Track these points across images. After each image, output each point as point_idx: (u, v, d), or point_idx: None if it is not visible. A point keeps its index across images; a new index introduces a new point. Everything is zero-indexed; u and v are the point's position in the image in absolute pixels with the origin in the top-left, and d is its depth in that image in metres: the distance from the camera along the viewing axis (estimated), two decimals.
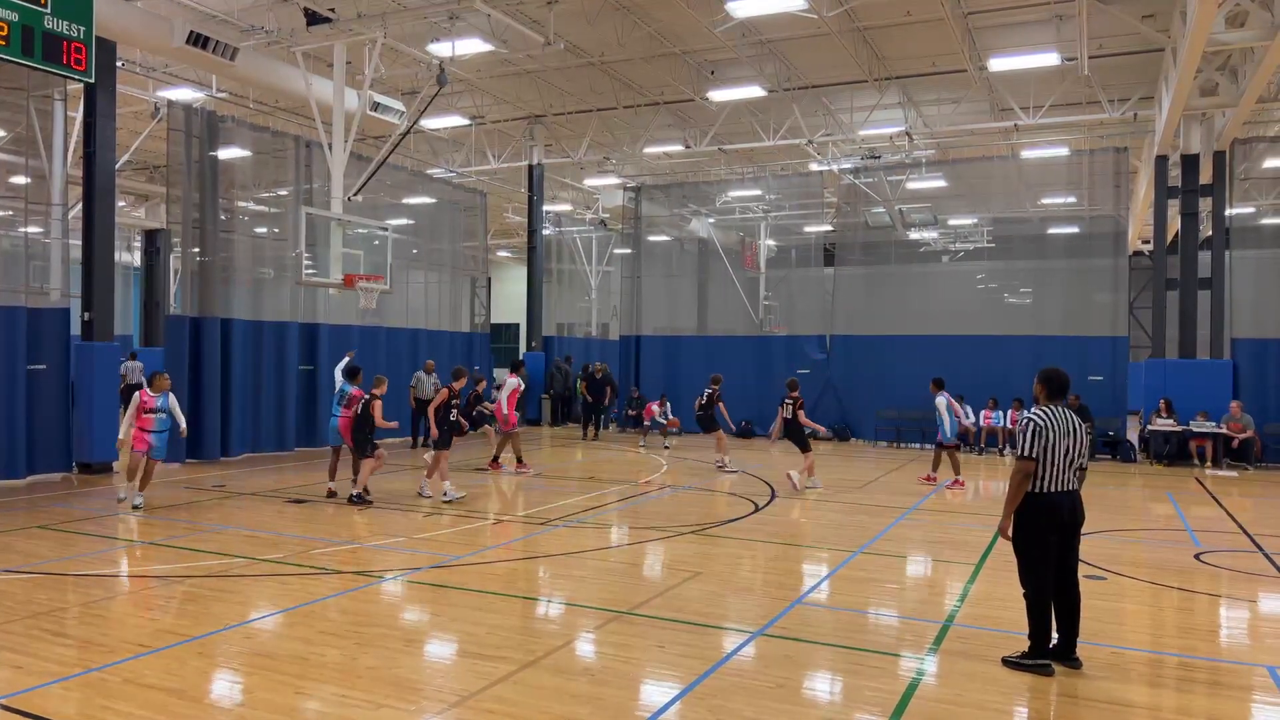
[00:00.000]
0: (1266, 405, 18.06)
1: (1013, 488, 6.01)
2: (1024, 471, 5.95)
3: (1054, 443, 5.92)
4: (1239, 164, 18.86)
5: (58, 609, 7.09)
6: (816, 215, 25.39)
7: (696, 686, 5.62)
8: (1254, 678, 6.03)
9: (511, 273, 44.51)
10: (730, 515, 11.61)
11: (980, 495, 14.78)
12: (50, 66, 9.81)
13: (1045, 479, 5.94)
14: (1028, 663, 5.94)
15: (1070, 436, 5.99)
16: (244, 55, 15.70)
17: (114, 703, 5.23)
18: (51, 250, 14.36)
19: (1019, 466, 5.97)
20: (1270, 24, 13.22)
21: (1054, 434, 5.93)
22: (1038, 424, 5.97)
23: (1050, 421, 5.97)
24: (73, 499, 12.30)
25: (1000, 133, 23.11)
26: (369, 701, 5.28)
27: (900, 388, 21.20)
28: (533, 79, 21.39)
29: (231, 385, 16.56)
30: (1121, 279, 20.16)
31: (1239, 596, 8.18)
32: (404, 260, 20.66)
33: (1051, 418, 6.00)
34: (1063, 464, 5.95)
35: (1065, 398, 6.26)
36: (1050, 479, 5.94)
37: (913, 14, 17.02)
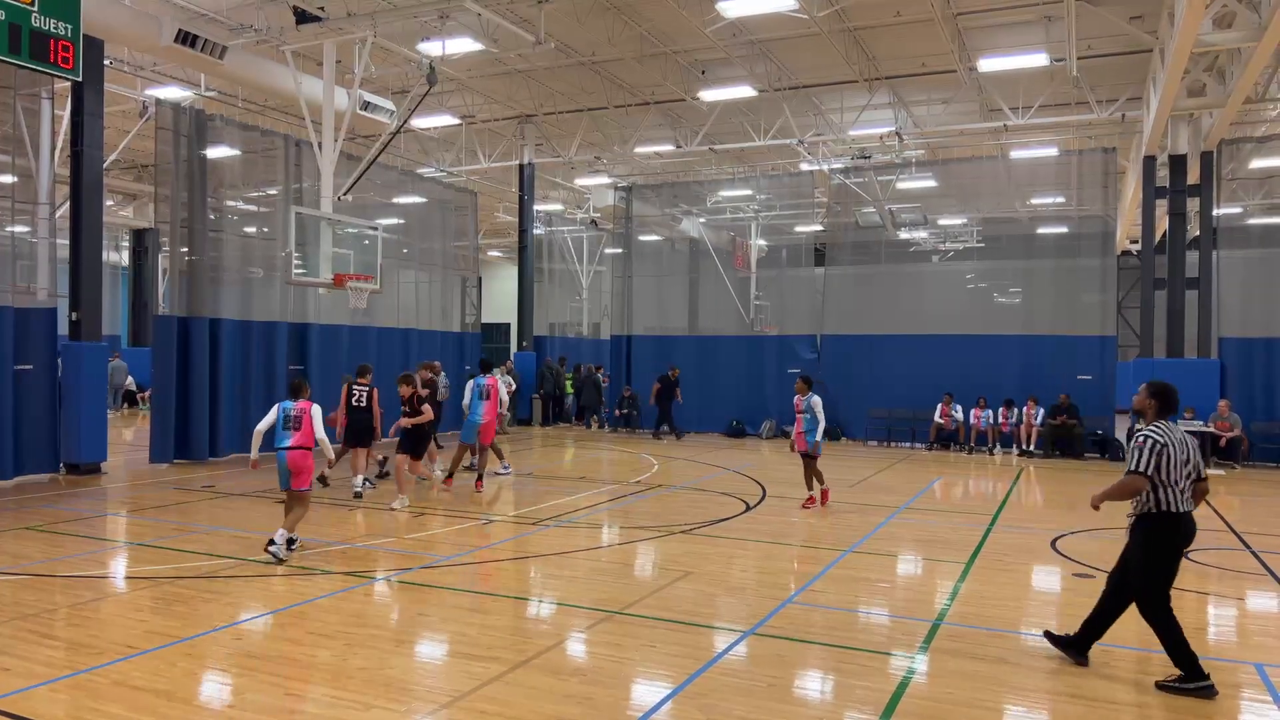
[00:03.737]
0: (1254, 404, 18.18)
1: (1117, 492, 5.82)
2: (1135, 487, 5.74)
3: (1174, 461, 5.69)
4: (1226, 164, 18.99)
5: (46, 610, 7.05)
6: (807, 215, 25.44)
7: (688, 686, 5.62)
8: (1241, 675, 6.07)
9: (502, 272, 44.46)
10: (721, 515, 11.61)
11: (970, 494, 14.84)
12: (37, 65, 9.74)
13: (1169, 499, 5.72)
14: (1189, 686, 5.63)
15: (1188, 452, 5.77)
16: (233, 54, 15.64)
17: (102, 704, 5.20)
18: (39, 250, 14.26)
19: (1131, 481, 5.73)
20: (1257, 25, 13.29)
21: (1174, 452, 5.70)
22: (1157, 441, 5.71)
23: (1169, 439, 5.72)
24: (60, 500, 12.22)
25: (990, 133, 23.19)
26: (359, 702, 5.27)
27: (891, 387, 21.27)
28: (523, 78, 21.37)
29: (220, 385, 16.47)
30: (1110, 279, 20.26)
31: (1227, 595, 8.23)
32: (394, 260, 20.60)
33: (1170, 435, 5.75)
34: (1185, 482, 5.75)
35: (1178, 414, 6.13)
36: (1174, 498, 5.72)
37: (903, 14, 17.07)
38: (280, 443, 8.90)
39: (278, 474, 8.98)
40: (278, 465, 8.93)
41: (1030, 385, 19.70)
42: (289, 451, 8.85)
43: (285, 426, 8.93)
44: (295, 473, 8.88)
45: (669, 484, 14.46)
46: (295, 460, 8.86)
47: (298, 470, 8.89)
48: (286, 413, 8.98)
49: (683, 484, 14.50)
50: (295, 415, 8.93)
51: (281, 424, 8.94)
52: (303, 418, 8.92)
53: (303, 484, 8.95)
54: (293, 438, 8.88)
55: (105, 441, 14.82)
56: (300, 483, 8.93)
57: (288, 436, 8.88)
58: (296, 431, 8.89)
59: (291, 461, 8.85)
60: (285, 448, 8.86)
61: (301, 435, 8.88)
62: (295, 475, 8.89)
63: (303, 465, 8.89)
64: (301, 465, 8.89)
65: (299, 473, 8.89)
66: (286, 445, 8.86)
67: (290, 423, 8.93)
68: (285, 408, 9.01)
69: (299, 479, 8.91)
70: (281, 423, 8.95)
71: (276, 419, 8.98)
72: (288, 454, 8.86)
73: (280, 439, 8.92)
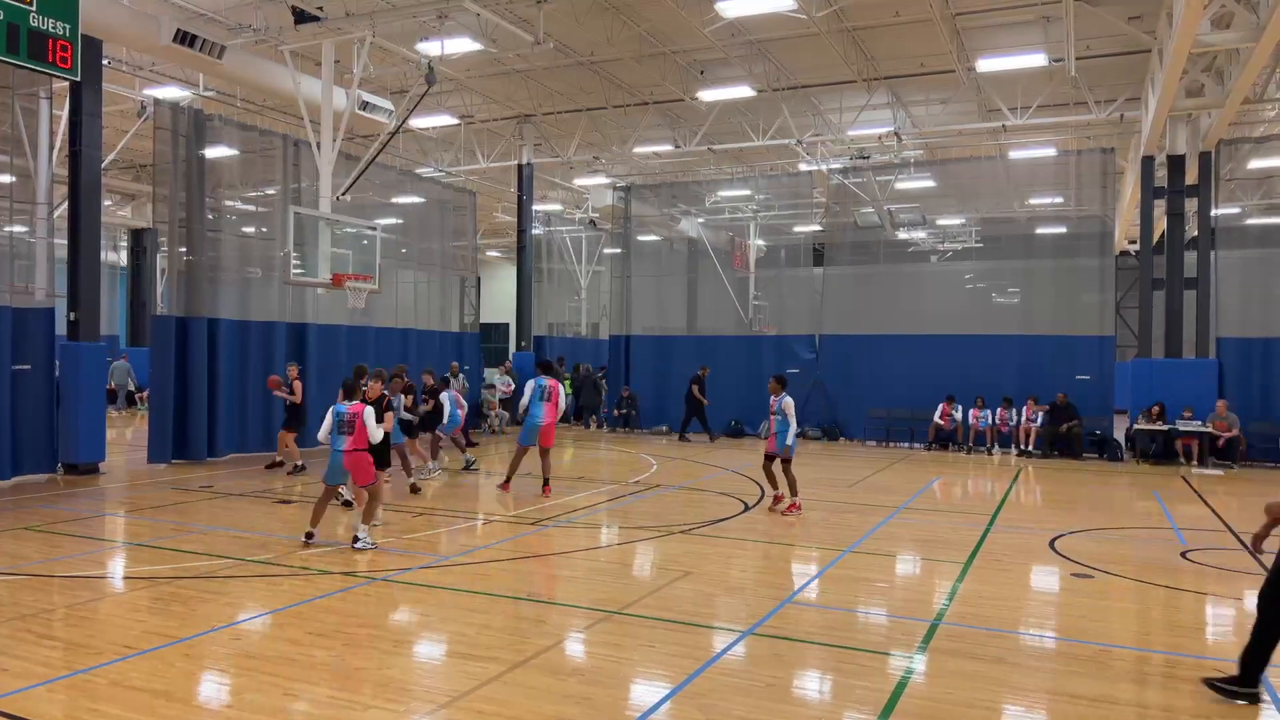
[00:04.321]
0: (1251, 404, 18.20)
1: None
2: None
3: None
4: (1224, 164, 19.00)
5: (44, 611, 7.04)
6: (806, 215, 25.45)
7: (687, 686, 5.62)
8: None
9: (501, 272, 44.42)
10: (720, 515, 11.62)
11: (969, 494, 14.85)
12: (36, 64, 9.73)
13: None
14: (1242, 691, 5.47)
15: None
16: (231, 53, 15.62)
17: (100, 705, 5.20)
18: (37, 249, 14.23)
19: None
20: (1255, 25, 13.31)
21: None
22: None
23: None
24: (58, 500, 12.20)
25: (988, 133, 23.20)
26: (358, 702, 5.27)
27: (889, 387, 21.29)
28: (522, 78, 21.36)
29: (219, 385, 16.45)
30: (1108, 279, 20.28)
31: (1225, 594, 8.23)
32: (393, 260, 20.59)
33: None
34: None
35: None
36: None
37: (901, 14, 17.08)
38: (336, 445, 9.09)
39: (330, 470, 9.24)
40: (331, 464, 9.18)
41: (1029, 385, 19.71)
42: (345, 454, 9.06)
43: (340, 430, 9.08)
44: (355, 472, 9.11)
45: (667, 484, 14.46)
46: (354, 461, 9.09)
47: (356, 469, 9.11)
48: (340, 417, 9.10)
49: (681, 484, 14.50)
50: (349, 419, 9.06)
51: (336, 428, 9.08)
52: (355, 421, 9.04)
53: (367, 479, 9.17)
54: (347, 441, 9.04)
55: (103, 441, 14.80)
56: (364, 479, 9.16)
57: (342, 440, 9.05)
58: (350, 435, 9.03)
59: (349, 463, 9.09)
60: (341, 450, 9.06)
61: (355, 439, 9.04)
62: (356, 473, 9.13)
63: (360, 464, 9.11)
64: (359, 465, 9.11)
65: (358, 471, 9.12)
66: (342, 449, 9.05)
67: (344, 426, 9.07)
68: (339, 412, 9.12)
69: (362, 476, 9.14)
70: (336, 426, 9.09)
71: (332, 423, 9.12)
72: (344, 456, 9.07)
73: (336, 441, 9.10)
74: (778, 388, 11.80)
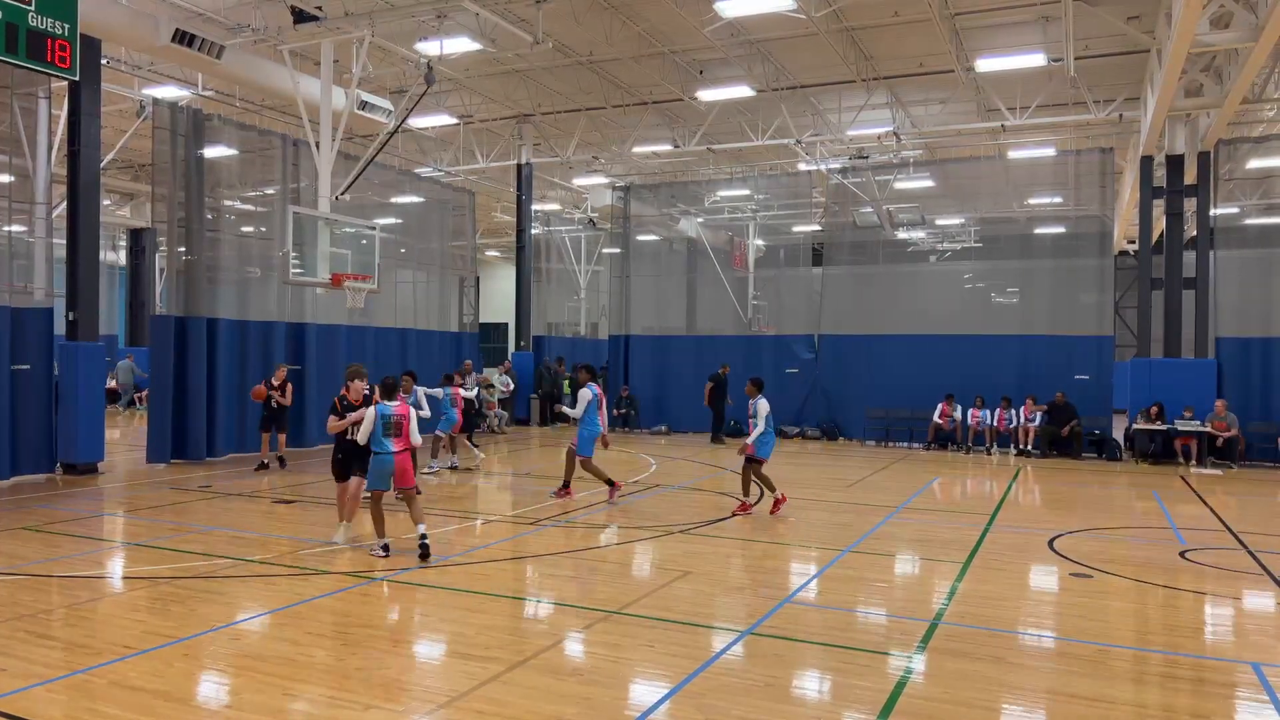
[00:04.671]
0: (1250, 404, 18.21)
1: None
2: None
3: None
4: (1223, 164, 19.00)
5: (42, 611, 7.04)
6: (805, 215, 25.46)
7: (686, 685, 5.62)
8: (1238, 675, 6.07)
9: (500, 272, 44.43)
10: (719, 514, 11.61)
11: (968, 494, 14.85)
12: (34, 64, 9.71)
13: None
14: None
15: None
16: (230, 53, 15.61)
17: (100, 705, 5.20)
18: (35, 249, 14.23)
19: None
20: (1254, 25, 13.32)
21: None
22: None
23: None
24: (57, 500, 12.20)
25: (987, 133, 23.21)
26: (357, 702, 5.26)
27: (888, 387, 21.30)
28: (521, 78, 21.36)
29: (218, 385, 16.45)
30: (1107, 279, 20.30)
31: (1224, 594, 8.24)
32: (392, 260, 20.59)
33: None
34: None
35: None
36: None
37: (900, 14, 17.08)
38: (383, 447, 8.74)
39: (377, 475, 8.82)
40: (378, 468, 8.78)
41: (1028, 385, 19.72)
42: (397, 456, 8.78)
43: (386, 432, 8.74)
44: (402, 474, 8.84)
45: (667, 484, 14.46)
46: (403, 463, 8.83)
47: (404, 471, 8.86)
48: (386, 419, 8.76)
49: (680, 484, 14.49)
50: (396, 421, 8.78)
51: (382, 430, 8.73)
52: (403, 423, 8.82)
53: (411, 481, 8.96)
54: (396, 443, 8.78)
55: (102, 441, 14.80)
56: (409, 480, 8.93)
57: (390, 442, 8.74)
58: (398, 437, 8.77)
59: (400, 465, 8.81)
60: (391, 453, 8.75)
61: (403, 440, 8.83)
62: (402, 476, 8.85)
63: (408, 466, 8.94)
64: (407, 466, 8.92)
65: (405, 473, 8.87)
66: (392, 450, 8.75)
67: (391, 428, 8.76)
68: (384, 413, 8.78)
69: (406, 478, 8.89)
70: (382, 429, 8.73)
71: (376, 425, 8.73)
72: (395, 459, 8.77)
73: (382, 444, 8.74)
74: (753, 390, 11.64)
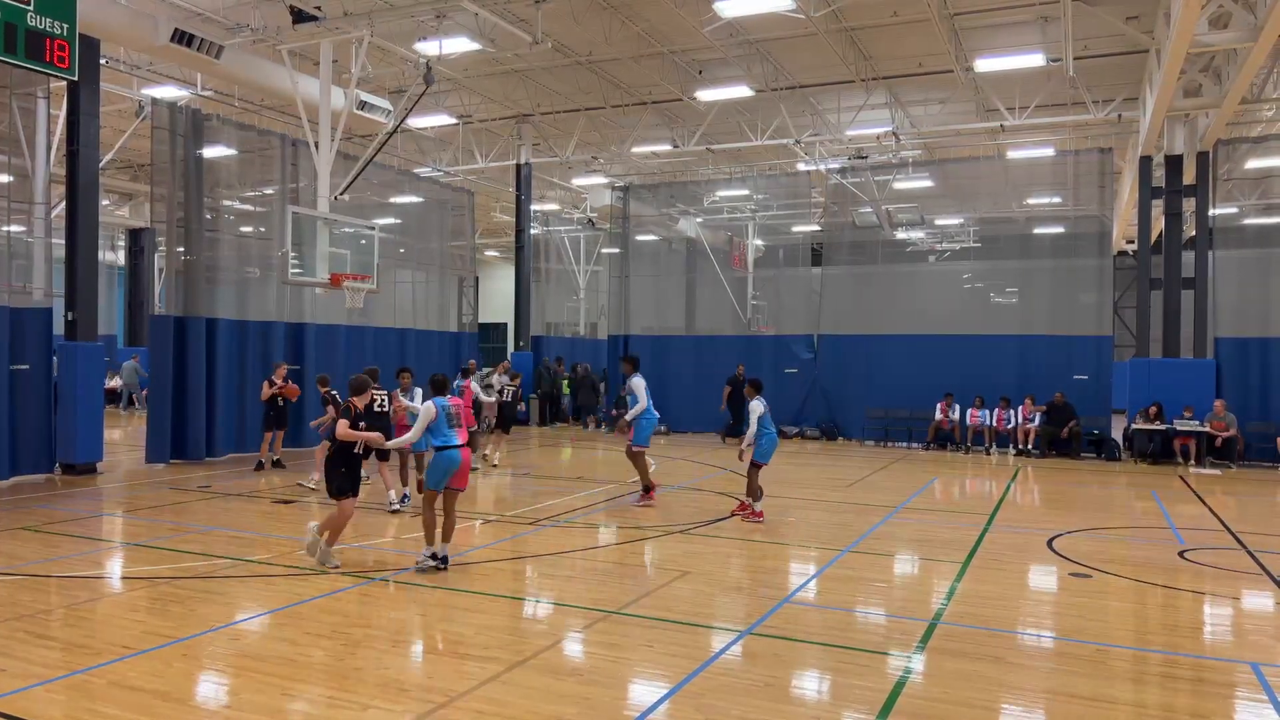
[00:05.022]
0: (1249, 404, 18.21)
1: None
2: None
3: None
4: (1222, 164, 19.01)
5: (42, 611, 7.04)
6: (804, 215, 25.47)
7: (685, 685, 5.62)
8: (1237, 675, 6.08)
9: (499, 272, 44.44)
10: (718, 514, 11.62)
11: (967, 494, 14.85)
12: (33, 64, 9.71)
13: None
14: None
15: None
16: (229, 53, 15.61)
17: (99, 705, 5.20)
18: (34, 249, 14.23)
19: None
20: (1253, 26, 13.33)
21: None
22: None
23: None
24: (56, 500, 12.19)
25: (986, 133, 23.22)
26: (356, 703, 5.26)
27: (887, 387, 21.30)
28: (520, 78, 21.36)
29: (217, 385, 16.45)
30: (1106, 279, 20.30)
31: (1223, 594, 8.24)
32: (391, 260, 20.58)
33: None
34: None
35: None
36: None
37: (899, 14, 17.09)
38: (448, 439, 8.33)
39: (436, 473, 8.31)
40: (443, 464, 8.30)
41: (1027, 385, 19.72)
42: (463, 450, 8.40)
43: (450, 424, 8.43)
44: (465, 471, 8.47)
45: (666, 484, 14.46)
46: (467, 458, 8.49)
47: (466, 469, 8.52)
48: (448, 411, 8.44)
49: (680, 484, 14.50)
50: (455, 412, 8.50)
51: (445, 422, 8.40)
52: (461, 414, 8.60)
53: (467, 482, 8.62)
54: (460, 434, 8.45)
55: (101, 441, 14.80)
56: (466, 481, 8.59)
57: (455, 434, 8.38)
58: (459, 429, 8.49)
59: (467, 460, 8.45)
60: (458, 445, 8.36)
61: (465, 431, 8.60)
62: (464, 473, 8.48)
63: (469, 463, 8.60)
64: (469, 463, 8.59)
65: (466, 470, 8.53)
66: (457, 444, 8.36)
67: (454, 420, 8.47)
68: (445, 406, 8.44)
69: (465, 476, 8.53)
70: (445, 420, 8.40)
71: (439, 418, 8.37)
72: (462, 452, 8.37)
73: (448, 437, 8.34)
74: (752, 392, 11.38)
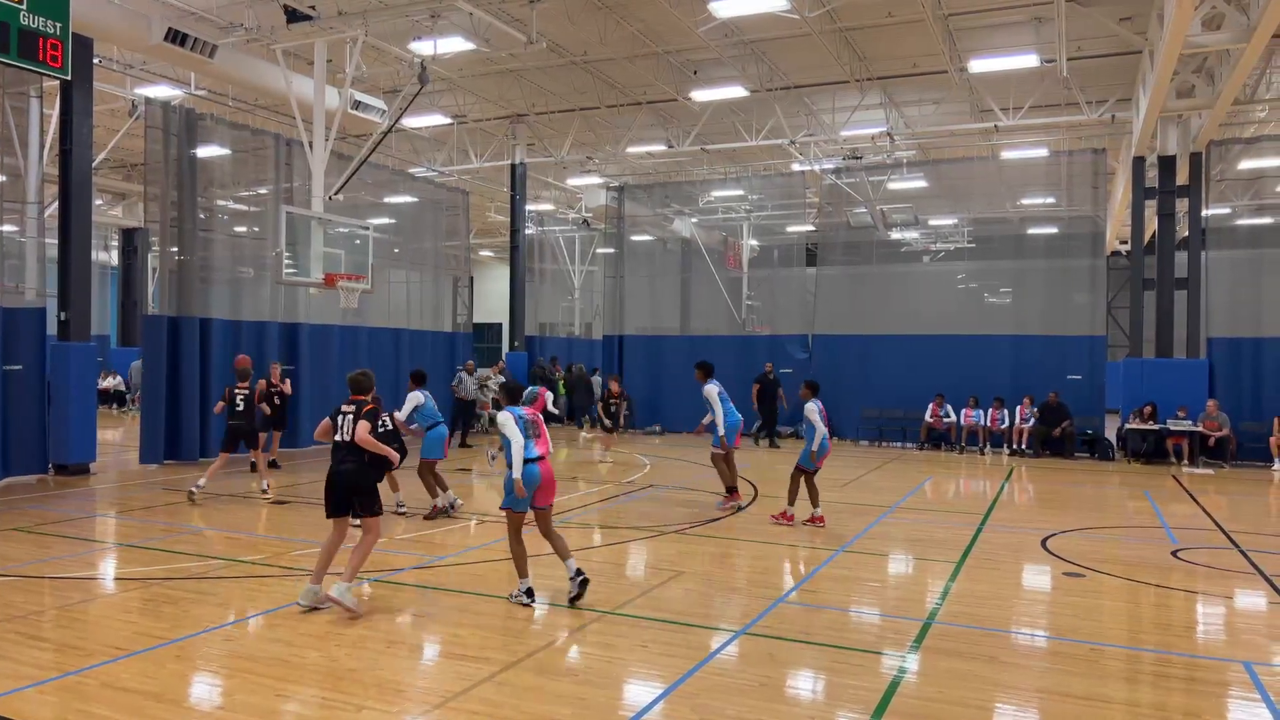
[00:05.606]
0: (1242, 404, 18.27)
1: None
2: None
3: None
4: (1215, 165, 19.08)
5: (34, 612, 7.01)
6: (799, 215, 25.48)
7: (680, 686, 5.62)
8: (1230, 674, 6.09)
9: (494, 272, 44.40)
10: (713, 515, 11.62)
11: (961, 494, 14.88)
12: (26, 63, 9.68)
13: None
14: None
15: None
16: (223, 52, 15.56)
17: (91, 706, 5.18)
18: (27, 249, 14.18)
19: None
20: (1246, 27, 13.37)
21: None
22: None
23: None
24: (49, 501, 12.15)
25: (980, 134, 23.25)
26: (351, 704, 5.25)
27: (882, 387, 21.33)
28: (515, 78, 21.34)
29: (211, 386, 16.38)
30: (1099, 279, 20.35)
31: (1215, 593, 8.27)
32: (385, 259, 20.54)
33: None
34: None
35: None
36: None
37: (894, 15, 17.11)
38: (529, 453, 7.30)
39: (519, 491, 7.24)
40: (528, 481, 7.25)
41: (1021, 385, 19.77)
42: (543, 463, 7.43)
43: (530, 434, 7.42)
44: (549, 486, 7.48)
45: (661, 484, 14.47)
46: (550, 472, 7.49)
47: (551, 483, 7.51)
48: (526, 420, 7.43)
49: (675, 484, 14.50)
50: (533, 420, 7.52)
51: (522, 433, 7.33)
52: (539, 424, 7.61)
53: (553, 497, 7.62)
54: (539, 445, 7.46)
55: (94, 442, 14.75)
56: (553, 496, 7.59)
57: (533, 446, 7.39)
58: (539, 439, 7.49)
59: (547, 474, 7.45)
60: (538, 458, 7.37)
61: (544, 442, 7.56)
62: (549, 488, 7.48)
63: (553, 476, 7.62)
64: (554, 476, 7.61)
65: (552, 485, 7.55)
66: (537, 456, 7.37)
67: (532, 430, 7.46)
68: (520, 415, 7.40)
69: (551, 492, 7.55)
70: (523, 429, 7.34)
71: (519, 428, 7.30)
72: (542, 466, 7.39)
73: (528, 450, 7.32)
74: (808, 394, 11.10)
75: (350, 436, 7.15)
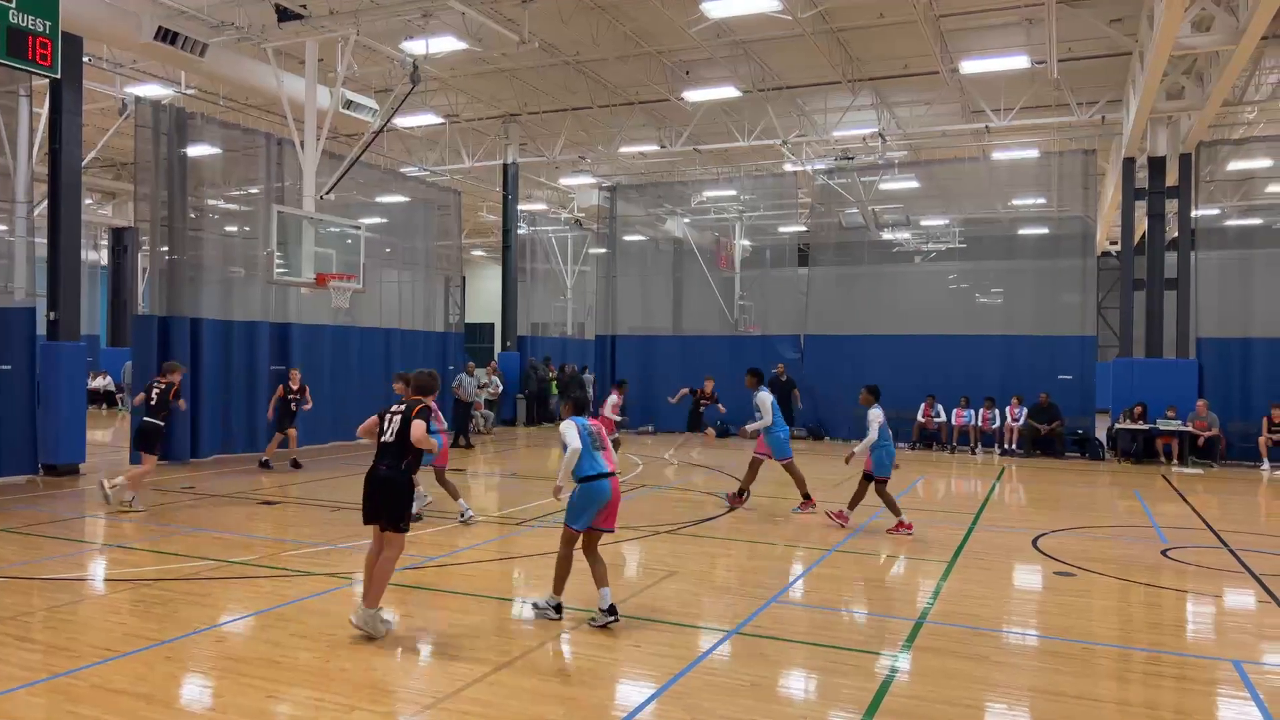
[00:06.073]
0: (1231, 404, 18.37)
1: None
2: None
3: None
4: (1204, 166, 19.17)
5: (23, 614, 6.97)
6: (790, 216, 25.53)
7: (672, 686, 5.62)
8: (1220, 672, 6.13)
9: (486, 272, 44.33)
10: (705, 515, 11.63)
11: (952, 494, 14.92)
12: (14, 62, 9.61)
13: None
14: None
15: None
16: (213, 51, 15.50)
17: (81, 708, 5.15)
18: (16, 248, 14.10)
19: None
20: (1235, 28, 13.44)
21: None
22: None
23: None
24: (38, 501, 12.08)
25: (971, 134, 23.34)
26: (342, 704, 5.24)
27: None
28: (507, 77, 21.32)
29: (201, 386, 16.32)
30: (1090, 279, 20.44)
31: (1205, 592, 8.31)
32: (377, 259, 20.48)
33: None
34: None
35: None
36: None
37: (885, 16, 17.16)
38: (597, 466, 6.76)
39: (581, 509, 6.75)
40: (593, 496, 6.73)
41: (1011, 385, 19.84)
42: (613, 479, 6.85)
43: (595, 446, 6.84)
44: (614, 510, 6.90)
45: (653, 484, 14.47)
46: (618, 492, 6.92)
47: (616, 507, 6.93)
48: (591, 432, 6.84)
49: (667, 484, 14.50)
50: (598, 432, 6.92)
51: (589, 444, 6.79)
52: (604, 437, 6.99)
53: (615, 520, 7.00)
54: (607, 459, 6.88)
55: (84, 442, 14.67)
56: (614, 520, 6.97)
57: (602, 460, 6.82)
58: (605, 451, 6.90)
59: (617, 494, 6.88)
60: (608, 474, 6.80)
61: (611, 456, 6.99)
62: (613, 513, 6.90)
63: None
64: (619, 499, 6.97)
65: (615, 509, 6.93)
66: (607, 471, 6.81)
67: (597, 441, 6.88)
68: (585, 426, 6.83)
69: (614, 516, 6.93)
70: (589, 442, 6.78)
71: (583, 438, 6.73)
72: (612, 483, 6.82)
73: (595, 463, 6.76)
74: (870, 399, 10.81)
75: (394, 437, 6.59)
